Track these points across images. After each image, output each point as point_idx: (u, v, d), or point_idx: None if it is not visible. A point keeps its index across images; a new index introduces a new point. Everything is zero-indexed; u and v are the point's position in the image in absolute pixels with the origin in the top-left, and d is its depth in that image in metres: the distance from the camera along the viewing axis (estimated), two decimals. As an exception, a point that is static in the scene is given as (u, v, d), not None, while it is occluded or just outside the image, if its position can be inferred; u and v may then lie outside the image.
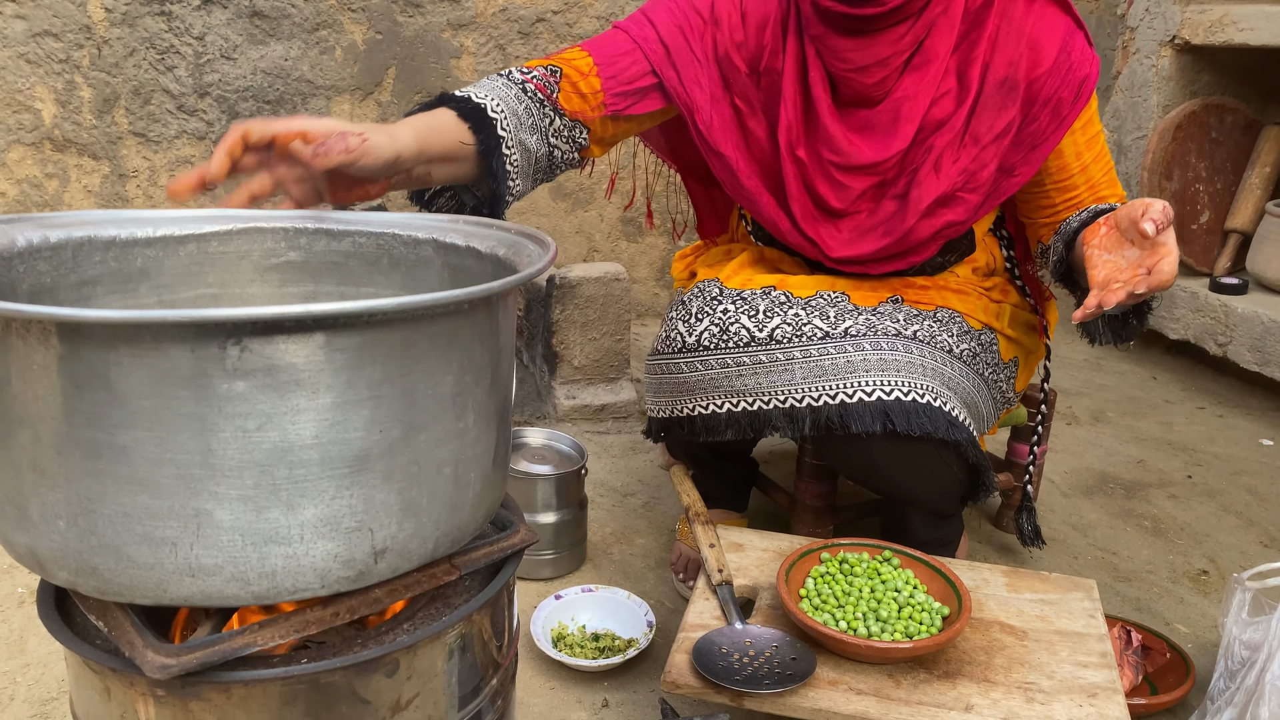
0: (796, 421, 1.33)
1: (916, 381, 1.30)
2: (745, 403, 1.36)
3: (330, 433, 0.63)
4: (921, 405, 1.29)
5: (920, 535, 1.52)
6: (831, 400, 1.30)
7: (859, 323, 1.34)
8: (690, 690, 1.11)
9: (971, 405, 1.40)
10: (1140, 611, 1.60)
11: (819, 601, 1.20)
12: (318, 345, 0.61)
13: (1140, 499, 1.99)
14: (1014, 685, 1.11)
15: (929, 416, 1.28)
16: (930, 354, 1.34)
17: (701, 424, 1.41)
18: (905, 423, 1.28)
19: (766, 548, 1.38)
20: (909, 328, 1.35)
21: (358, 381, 0.63)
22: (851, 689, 1.10)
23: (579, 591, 1.53)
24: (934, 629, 1.15)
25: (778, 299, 1.37)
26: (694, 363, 1.38)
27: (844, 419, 1.29)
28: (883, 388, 1.29)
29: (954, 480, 1.38)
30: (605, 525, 1.81)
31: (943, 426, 1.29)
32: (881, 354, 1.31)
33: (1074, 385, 2.60)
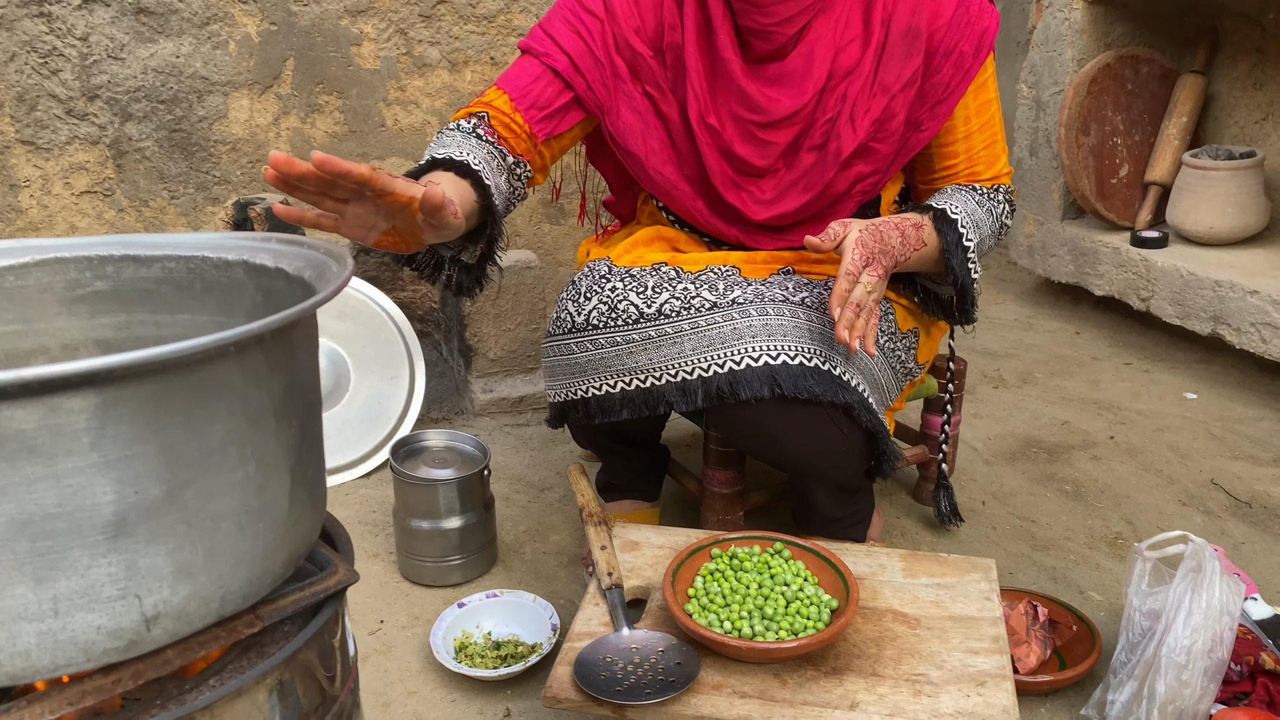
0: (689, 394, 1.31)
1: (804, 345, 1.28)
2: (638, 380, 1.33)
3: (76, 499, 0.58)
4: (809, 369, 1.27)
5: (827, 512, 1.50)
6: (720, 369, 1.29)
7: (747, 292, 1.32)
8: (571, 705, 1.08)
9: (866, 373, 1.37)
10: (1056, 581, 1.59)
11: (707, 601, 1.17)
12: (47, 409, 0.56)
13: (1063, 462, 1.98)
14: (902, 678, 1.09)
15: (817, 379, 1.27)
16: (819, 319, 1.32)
17: (596, 405, 1.38)
18: (793, 386, 1.26)
19: (663, 545, 1.35)
20: (797, 294, 1.34)
21: (102, 443, 0.58)
22: (736, 692, 1.07)
23: (483, 598, 1.50)
24: (821, 623, 1.13)
25: (667, 275, 1.34)
26: (584, 342, 1.35)
27: (733, 387, 1.28)
28: (769, 353, 1.27)
29: (852, 448, 1.36)
30: (519, 523, 1.77)
31: (831, 389, 1.27)
32: (768, 320, 1.29)
33: (1003, 346, 2.59)
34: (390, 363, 1.96)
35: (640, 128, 1.40)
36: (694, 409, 1.32)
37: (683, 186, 1.43)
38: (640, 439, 1.62)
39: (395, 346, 1.97)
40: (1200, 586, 1.21)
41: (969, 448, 2.04)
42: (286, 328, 0.69)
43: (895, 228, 1.27)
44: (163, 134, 2.34)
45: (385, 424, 1.93)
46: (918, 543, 1.70)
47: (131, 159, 2.34)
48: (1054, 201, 2.69)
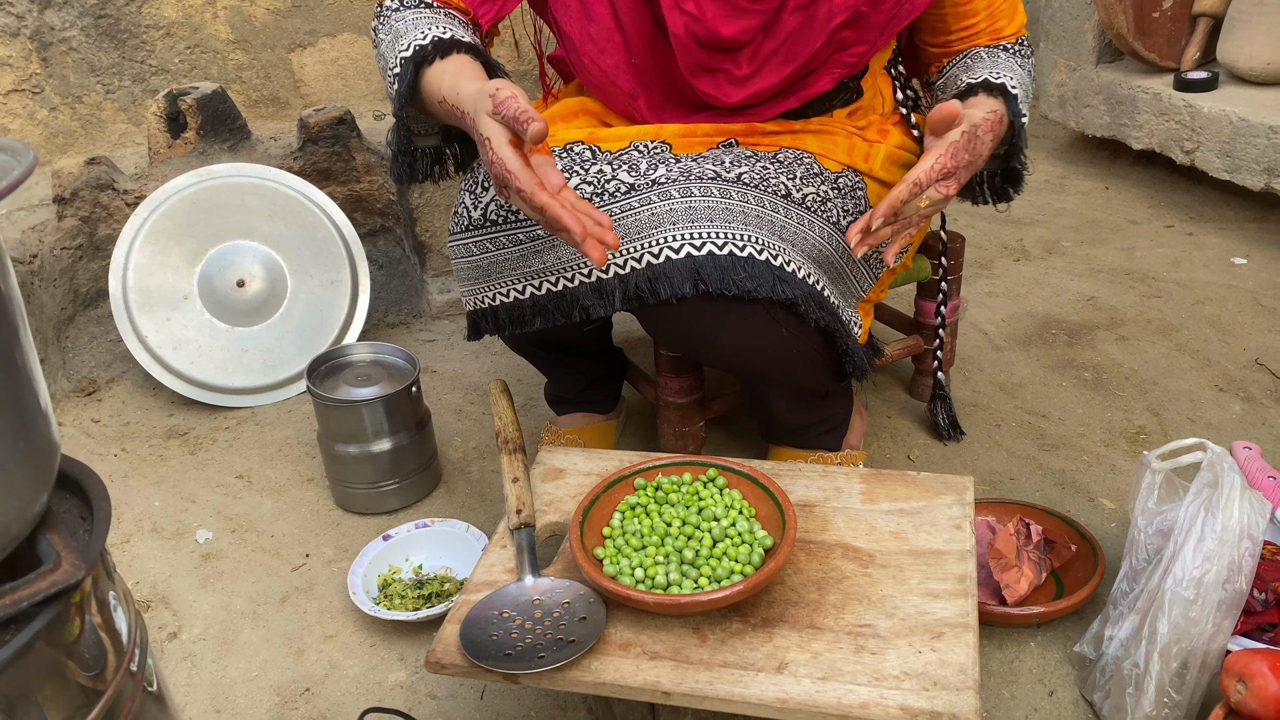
0: (605, 297, 1.13)
1: (734, 231, 1.08)
2: (547, 283, 1.15)
3: None
4: (740, 259, 1.07)
5: (788, 420, 1.32)
6: (638, 265, 1.09)
7: (672, 170, 1.12)
8: (457, 671, 0.93)
9: (822, 260, 1.17)
10: (1063, 487, 1.39)
11: (623, 542, 1.00)
12: None
13: (1084, 345, 1.75)
14: (844, 630, 0.92)
15: (749, 271, 1.07)
16: (757, 198, 1.12)
17: (505, 314, 1.21)
18: (718, 280, 1.07)
19: (590, 471, 1.18)
20: (733, 170, 1.13)
21: None
22: (645, 653, 0.92)
23: (412, 528, 1.35)
24: (751, 567, 0.96)
25: (580, 156, 1.14)
26: (483, 241, 1.17)
27: (653, 284, 1.09)
28: (692, 241, 1.08)
29: (806, 350, 1.18)
30: (470, 438, 1.62)
31: (767, 283, 1.08)
32: (691, 201, 1.09)
33: (1028, 212, 2.32)
34: (330, 265, 1.79)
35: (578, 5, 1.18)
36: (613, 312, 1.13)
37: (622, 81, 1.21)
38: (580, 346, 1.43)
39: (334, 247, 1.79)
40: (1216, 505, 1.01)
41: (979, 332, 1.82)
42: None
43: (989, 129, 1.09)
44: (88, 21, 2.14)
45: (327, 334, 1.77)
46: (910, 446, 1.51)
47: (58, 51, 2.15)
48: (1087, 43, 2.37)
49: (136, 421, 1.71)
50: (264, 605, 1.30)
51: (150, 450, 1.64)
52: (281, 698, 1.16)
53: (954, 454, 1.48)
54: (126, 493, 1.53)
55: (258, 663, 1.21)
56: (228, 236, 1.75)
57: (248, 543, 1.41)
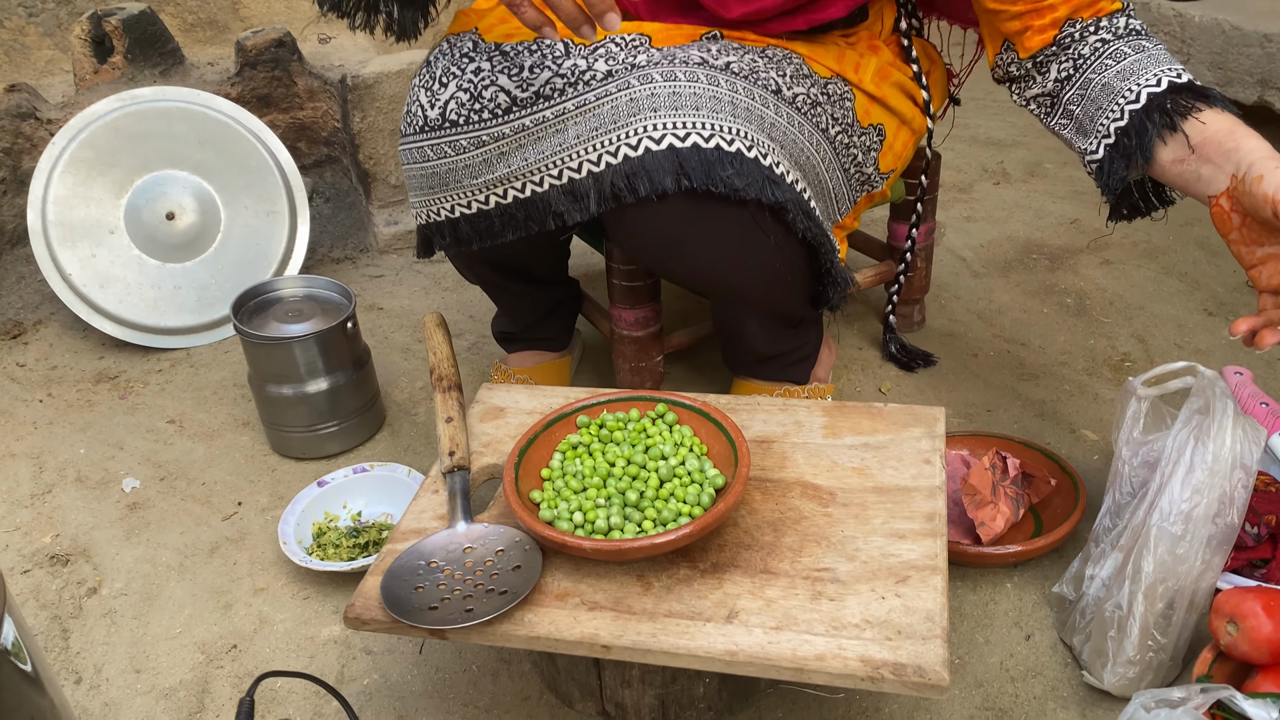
0: (579, 198, 1.02)
1: (722, 123, 0.97)
2: (513, 189, 1.05)
3: None
4: (729, 154, 0.96)
5: (760, 348, 1.23)
6: (613, 158, 0.98)
7: (654, 55, 1.01)
8: (378, 627, 0.85)
9: (808, 169, 1.07)
10: (1043, 418, 1.31)
11: (562, 484, 0.92)
12: None
13: (1067, 269, 1.66)
14: (801, 575, 0.84)
15: (738, 168, 0.97)
16: (746, 90, 1.01)
17: (467, 227, 1.11)
18: (704, 175, 0.96)
19: (534, 410, 1.09)
20: (720, 59, 1.03)
21: None
22: (584, 603, 0.83)
23: (349, 473, 1.27)
24: (700, 508, 0.87)
25: (552, 51, 1.04)
26: (441, 145, 1.06)
27: (631, 180, 0.98)
28: (675, 131, 0.96)
29: (788, 266, 1.08)
30: (417, 378, 1.52)
31: (757, 183, 0.98)
32: (676, 85, 0.98)
33: (1009, 134, 2.22)
34: (265, 195, 1.67)
35: None
36: (588, 217, 1.03)
37: None
38: (536, 272, 1.33)
39: (269, 176, 1.67)
40: (1207, 433, 0.92)
41: (956, 258, 1.72)
42: None
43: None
44: (5, -61, 1.99)
45: (265, 269, 1.66)
46: (881, 378, 1.43)
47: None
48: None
49: (64, 365, 1.61)
50: (191, 557, 1.21)
51: (78, 395, 1.54)
52: (206, 655, 1.08)
53: (928, 386, 1.40)
54: (50, 440, 1.43)
55: (182, 618, 1.13)
56: (155, 166, 1.63)
57: (177, 491, 1.32)
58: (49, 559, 1.22)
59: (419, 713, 1.00)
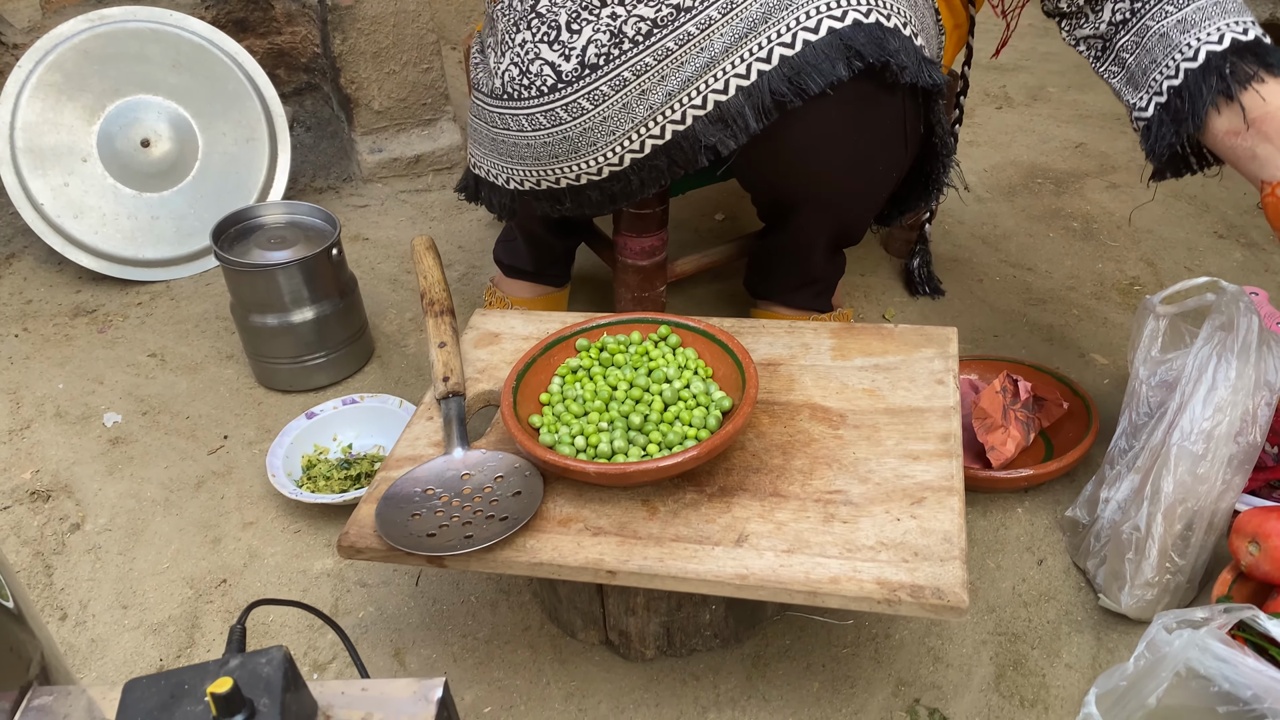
0: (731, 121, 0.94)
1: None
2: (651, 137, 0.98)
3: None
4: (889, 29, 0.91)
5: (809, 270, 1.19)
6: (766, 64, 0.92)
7: None
8: (373, 556, 0.81)
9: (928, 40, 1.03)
10: (1051, 343, 1.28)
11: (562, 409, 0.88)
12: None
13: (1073, 193, 1.62)
14: (812, 498, 0.81)
15: (902, 45, 0.92)
16: None
17: (596, 193, 1.04)
18: (877, 50, 0.91)
19: (530, 335, 1.05)
20: None
21: None
22: (588, 529, 0.80)
23: (339, 405, 1.23)
24: (707, 431, 0.84)
25: None
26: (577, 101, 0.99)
27: (796, 80, 0.91)
28: (831, 13, 0.91)
29: (899, 168, 1.05)
30: (406, 309, 1.48)
31: (914, 63, 0.93)
32: None
33: (1011, 58, 2.16)
34: (243, 122, 1.60)
35: None
36: (746, 139, 0.95)
37: None
38: (582, 224, 1.29)
39: (248, 101, 1.60)
40: (1230, 349, 0.89)
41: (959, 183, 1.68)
42: None
43: None
44: None
45: (245, 198, 1.61)
46: (885, 305, 1.39)
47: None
48: None
49: (40, 299, 1.56)
50: (177, 492, 1.17)
51: (55, 330, 1.48)
52: (195, 590, 1.05)
53: (933, 311, 1.36)
54: (27, 375, 1.38)
55: (169, 553, 1.09)
56: (128, 91, 1.56)
57: (160, 425, 1.28)
58: (29, 495, 1.18)
59: (417, 644, 0.97)
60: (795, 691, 0.89)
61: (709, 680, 0.91)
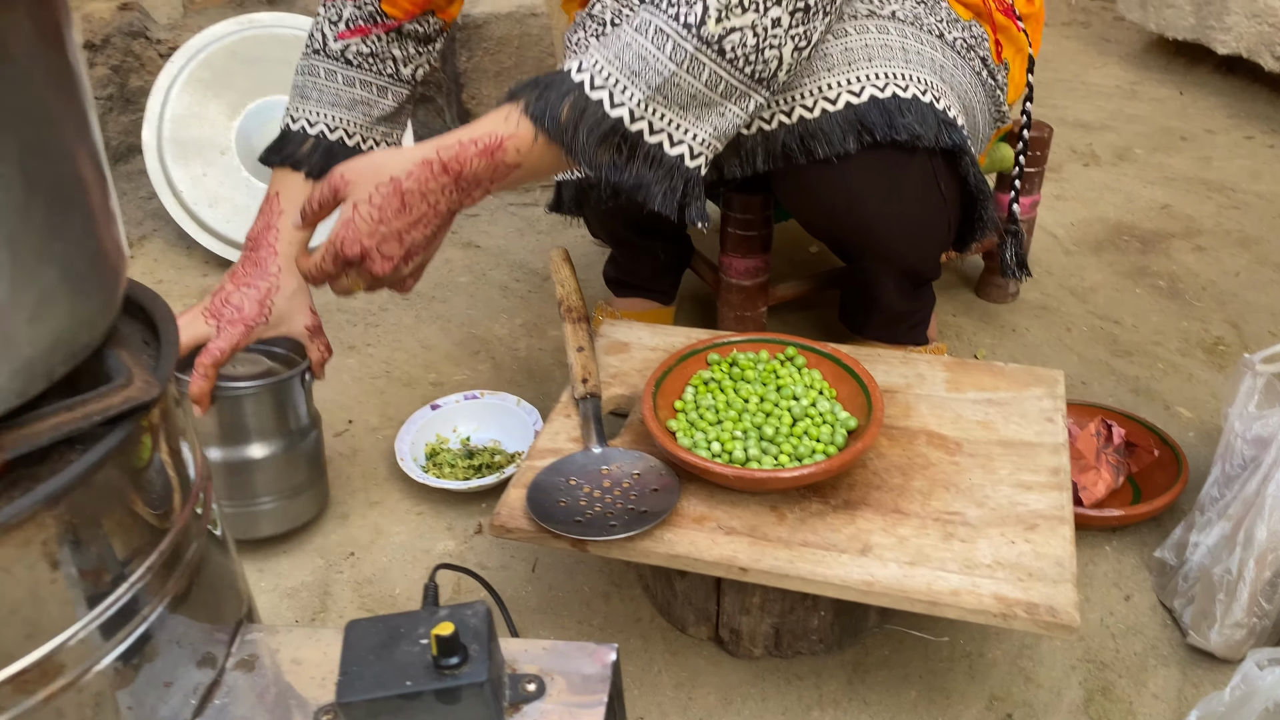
0: (745, 156, 1.01)
1: (895, 70, 0.98)
2: None
3: None
4: (905, 100, 0.97)
5: (894, 306, 1.25)
6: (787, 118, 0.98)
7: None
8: (522, 535, 0.89)
9: (969, 112, 1.08)
10: (1137, 394, 1.34)
11: (695, 416, 0.95)
12: None
13: (1159, 253, 1.68)
14: (931, 516, 0.87)
15: (917, 115, 0.97)
16: (915, 35, 1.02)
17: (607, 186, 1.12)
18: (885, 126, 0.96)
19: (657, 346, 1.12)
20: (885, 6, 1.03)
21: None
22: (721, 528, 0.87)
23: (460, 399, 1.31)
24: (834, 447, 0.91)
25: None
26: None
27: (806, 142, 0.98)
28: (850, 88, 0.97)
29: (942, 217, 1.10)
30: (516, 315, 1.56)
31: (932, 128, 0.98)
32: (848, 42, 0.98)
33: (1098, 117, 2.22)
34: (373, 129, 1.70)
35: None
36: (750, 174, 1.02)
37: None
38: (664, 228, 1.36)
39: (379, 110, 1.70)
40: (1328, 411, 0.95)
41: (1048, 235, 1.74)
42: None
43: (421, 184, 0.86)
44: None
45: (369, 200, 1.70)
46: (975, 345, 1.45)
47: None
48: (1179, -61, 2.24)
49: (169, 280, 1.66)
50: (306, 468, 1.26)
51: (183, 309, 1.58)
52: (326, 561, 1.13)
53: (1023, 355, 1.42)
54: (162, 350, 1.47)
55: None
56: (268, 90, 1.66)
57: (288, 406, 1.36)
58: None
59: (534, 627, 1.04)
60: (894, 698, 0.95)
61: (812, 681, 0.97)
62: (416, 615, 0.66)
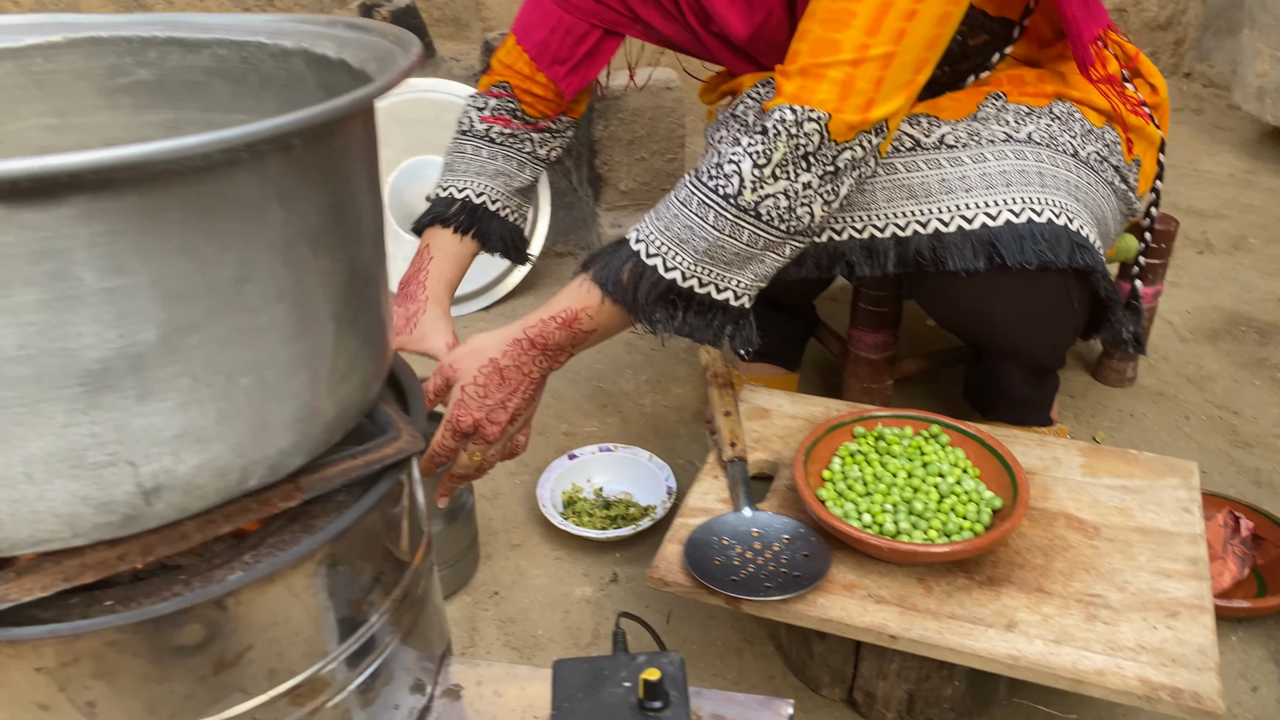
0: (876, 256, 1.06)
1: (1031, 194, 1.02)
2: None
3: (39, 341, 0.45)
4: (1040, 226, 1.01)
5: (1018, 394, 1.29)
6: (922, 228, 1.03)
7: (958, 131, 1.06)
8: (680, 590, 0.95)
9: (1101, 223, 1.12)
10: (1259, 486, 1.35)
11: (844, 487, 1.01)
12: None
13: (1278, 345, 1.69)
14: (1073, 597, 0.91)
15: (1050, 240, 1.01)
16: (1050, 157, 1.06)
17: None
18: (1018, 253, 1.01)
19: (797, 415, 1.18)
20: (1021, 129, 1.07)
21: (71, 270, 0.44)
22: (870, 596, 0.92)
23: (596, 451, 1.38)
24: (980, 525, 0.95)
25: None
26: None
27: (937, 253, 1.03)
28: (987, 210, 1.02)
29: (1072, 323, 1.14)
30: (641, 372, 1.63)
31: (1066, 251, 1.01)
32: (986, 166, 1.04)
33: (1212, 205, 2.24)
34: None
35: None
36: (879, 274, 1.07)
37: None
38: (790, 301, 1.43)
39: (520, 171, 1.81)
40: None
41: (1163, 321, 1.76)
42: (324, 130, 0.53)
43: (504, 363, 1.00)
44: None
45: (507, 255, 1.80)
46: (1094, 428, 1.48)
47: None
48: (1297, 32, 2.26)
49: (318, 321, 1.76)
50: (451, 509, 1.33)
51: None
52: (473, 598, 1.20)
53: (1141, 441, 1.45)
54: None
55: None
56: (420, 150, 1.78)
57: (432, 447, 1.45)
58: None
59: (671, 676, 1.10)
60: (1024, 771, 0.98)
61: (943, 748, 1.00)
62: (618, 659, 0.72)
